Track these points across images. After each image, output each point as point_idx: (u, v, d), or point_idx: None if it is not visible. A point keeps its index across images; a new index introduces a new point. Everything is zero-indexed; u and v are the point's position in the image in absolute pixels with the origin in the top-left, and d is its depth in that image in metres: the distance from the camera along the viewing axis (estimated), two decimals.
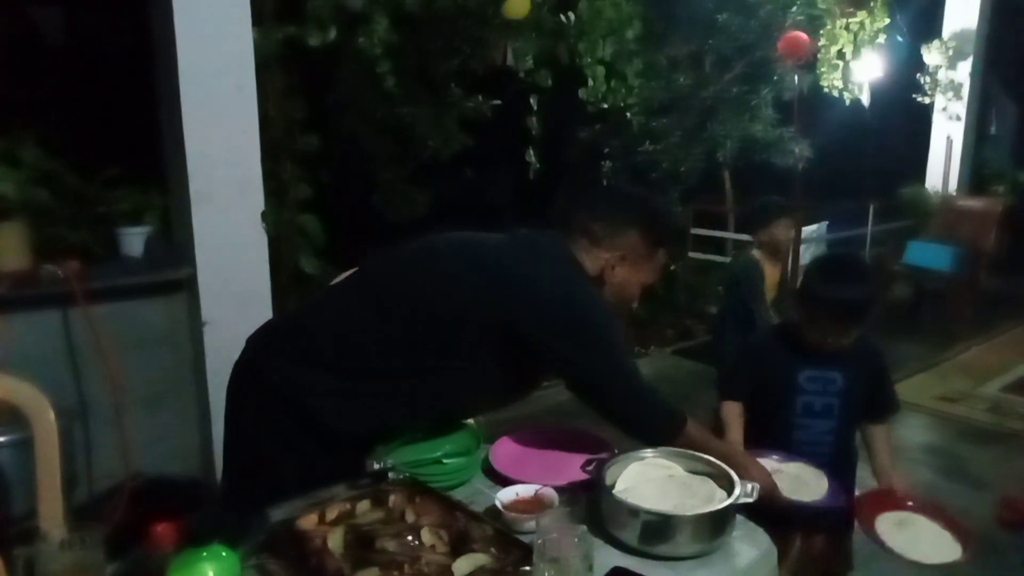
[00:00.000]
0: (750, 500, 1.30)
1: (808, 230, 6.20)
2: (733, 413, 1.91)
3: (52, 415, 1.62)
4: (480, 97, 4.64)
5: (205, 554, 0.96)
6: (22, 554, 1.12)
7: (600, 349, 1.48)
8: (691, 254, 6.57)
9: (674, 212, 2.45)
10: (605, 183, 5.47)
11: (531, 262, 1.53)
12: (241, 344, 1.65)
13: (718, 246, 6.75)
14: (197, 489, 2.59)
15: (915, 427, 4.19)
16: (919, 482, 3.55)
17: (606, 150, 6.77)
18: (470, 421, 1.99)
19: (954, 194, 6.58)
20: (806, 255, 6.20)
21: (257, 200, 2.75)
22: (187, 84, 2.54)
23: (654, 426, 1.51)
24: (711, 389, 4.45)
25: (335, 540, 1.21)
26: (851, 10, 5.31)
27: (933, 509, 1.75)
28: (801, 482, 1.70)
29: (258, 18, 2.76)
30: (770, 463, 1.69)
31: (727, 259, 6.34)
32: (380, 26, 3.17)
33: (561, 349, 1.47)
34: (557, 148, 5.80)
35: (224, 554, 0.99)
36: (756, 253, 3.71)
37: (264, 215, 2.76)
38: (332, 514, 1.29)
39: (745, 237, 6.53)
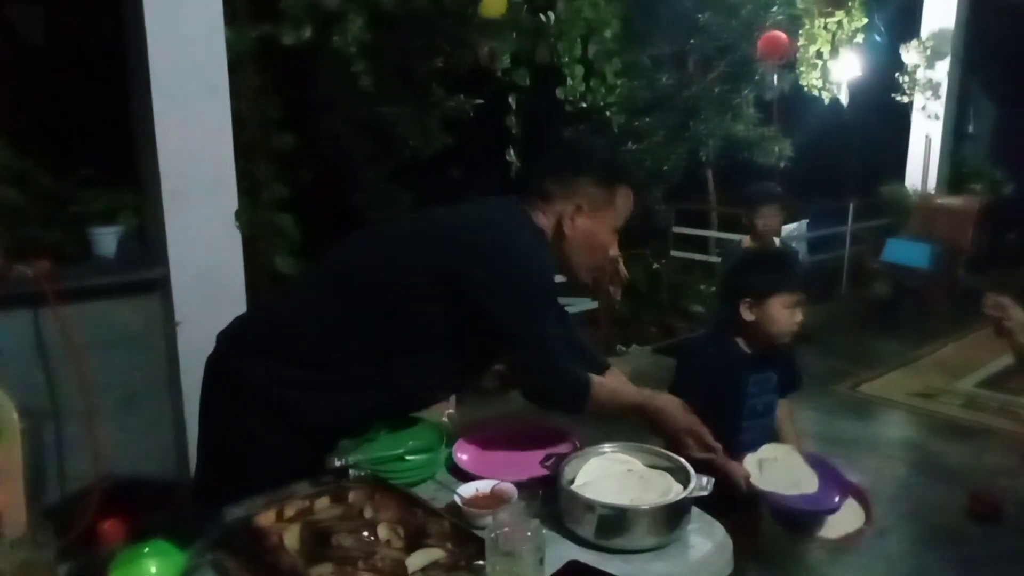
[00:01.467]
0: (705, 493, 1.31)
1: (788, 228, 6.23)
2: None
3: (15, 414, 1.61)
4: (462, 96, 4.64)
5: (147, 550, 0.97)
6: None
7: (520, 313, 1.49)
8: (674, 253, 6.60)
9: (621, 150, 2.34)
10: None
11: (478, 221, 1.57)
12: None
13: (701, 245, 6.79)
14: (170, 489, 2.58)
15: (891, 423, 4.24)
16: (893, 476, 3.60)
17: None
18: (443, 418, 2.01)
19: (932, 192, 6.64)
20: None
21: (231, 199, 2.75)
22: (158, 83, 2.53)
23: (559, 398, 1.57)
24: None
25: (291, 537, 1.22)
26: (829, 10, 5.35)
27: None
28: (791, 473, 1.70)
29: (231, 17, 2.76)
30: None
31: (710, 258, 6.38)
32: (355, 25, 3.17)
33: (485, 305, 1.47)
34: (538, 148, 5.82)
35: (168, 550, 1.00)
36: (745, 242, 3.75)
37: (238, 214, 2.76)
38: (291, 511, 1.29)
39: (728, 235, 6.60)
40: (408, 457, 1.51)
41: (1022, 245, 7.07)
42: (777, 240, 3.69)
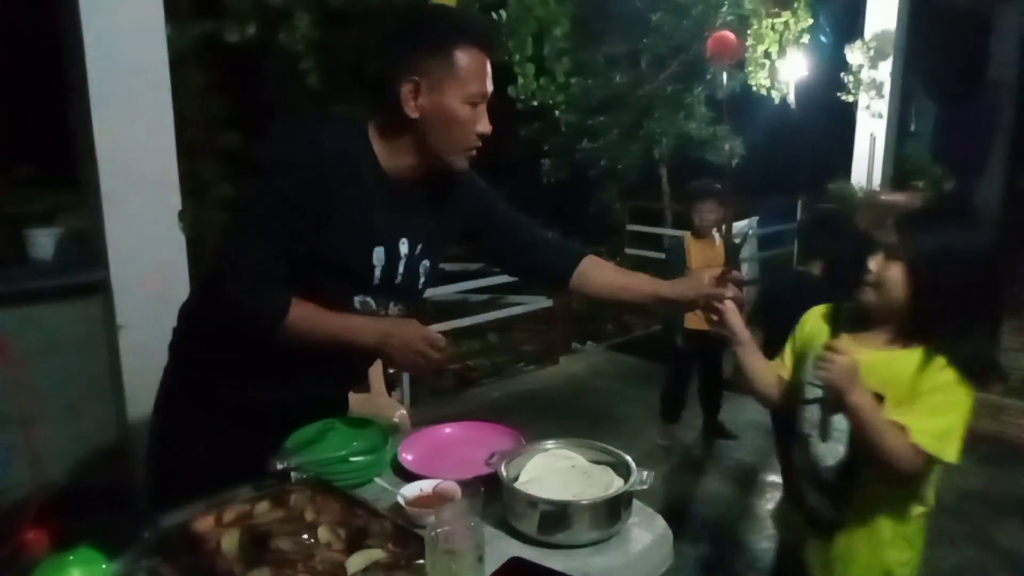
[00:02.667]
0: (645, 487, 1.33)
1: (739, 225, 6.37)
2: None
3: None
4: None
5: (72, 558, 0.94)
6: None
7: (238, 213, 1.45)
8: (628, 250, 6.68)
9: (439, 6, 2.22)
10: None
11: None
12: (160, 347, 1.65)
13: (655, 242, 6.88)
14: (111, 495, 2.52)
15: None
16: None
17: (545, 148, 6.84)
18: (395, 419, 2.00)
19: (877, 189, 6.82)
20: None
21: (174, 200, 2.69)
22: (96, 81, 2.46)
23: (253, 304, 1.39)
24: (646, 384, 4.54)
25: (229, 541, 1.20)
26: (776, 10, 5.47)
27: None
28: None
29: (173, 13, 2.70)
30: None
31: (664, 255, 6.47)
32: (302, 22, 3.14)
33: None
34: (492, 146, 5.83)
35: (93, 557, 0.97)
36: (686, 236, 3.84)
37: (181, 215, 2.70)
38: (230, 516, 1.27)
39: (682, 233, 6.70)
40: (352, 458, 1.50)
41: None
42: (717, 235, 3.80)
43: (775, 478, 3.55)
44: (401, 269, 1.51)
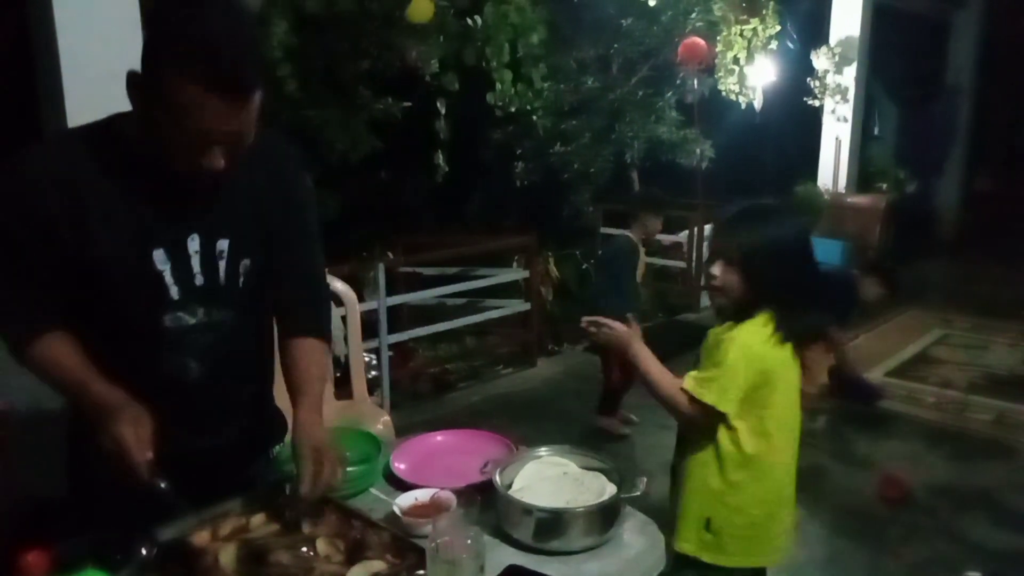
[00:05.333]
0: (637, 492, 1.36)
1: (711, 227, 6.46)
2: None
3: None
4: (390, 99, 4.62)
5: None
6: None
7: None
8: (602, 252, 6.72)
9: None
10: None
11: None
12: None
13: None
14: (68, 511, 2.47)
15: (806, 411, 4.44)
16: (809, 463, 3.76)
17: (519, 151, 6.87)
18: (378, 426, 2.00)
19: (843, 192, 6.99)
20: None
21: None
22: (71, 89, 2.42)
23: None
24: None
25: (227, 556, 1.20)
26: (744, 17, 5.57)
27: None
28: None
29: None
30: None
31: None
32: (279, 29, 3.12)
33: None
34: (467, 150, 5.85)
35: None
36: (632, 235, 3.96)
37: None
38: (226, 530, 1.27)
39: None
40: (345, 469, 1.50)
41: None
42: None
43: None
44: (198, 269, 1.31)
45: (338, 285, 2.87)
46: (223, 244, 1.33)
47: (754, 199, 1.86)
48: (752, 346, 1.61)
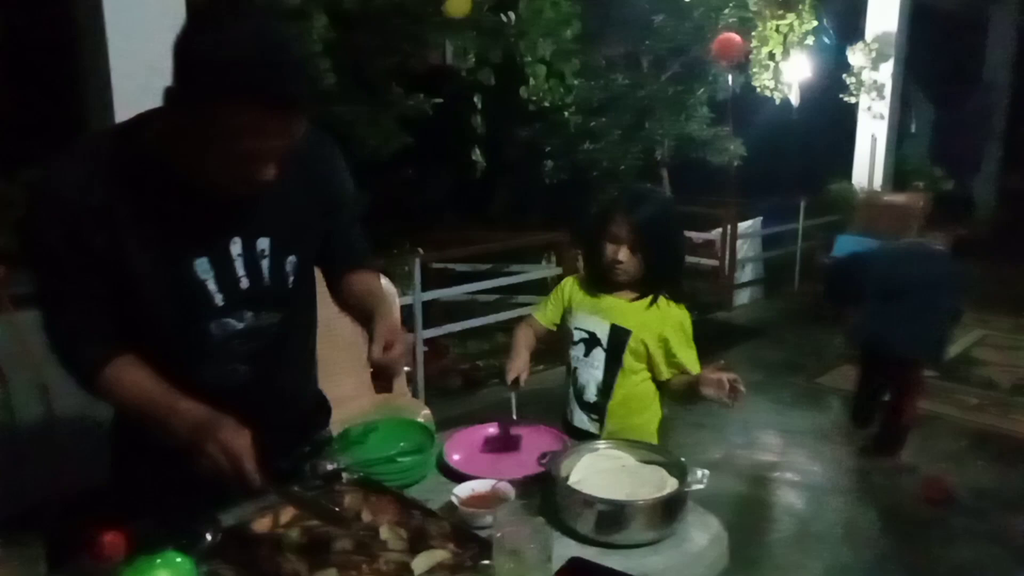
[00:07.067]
0: (701, 486, 1.33)
1: (744, 225, 6.40)
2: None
3: None
4: (421, 96, 4.61)
5: (159, 560, 0.94)
6: None
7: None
8: None
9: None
10: None
11: None
12: None
13: None
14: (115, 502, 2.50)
15: (844, 413, 4.38)
16: (850, 466, 3.71)
17: (547, 149, 6.84)
18: (419, 419, 2.00)
19: (878, 190, 6.87)
20: (742, 249, 6.39)
21: None
22: (119, 84, 2.45)
23: (65, 360, 1.26)
24: None
25: (290, 543, 1.20)
26: (780, 12, 5.49)
27: None
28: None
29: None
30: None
31: None
32: (319, 23, 3.12)
33: None
34: (496, 147, 5.83)
35: (179, 560, 0.97)
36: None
37: None
38: (286, 517, 1.27)
39: (684, 232, 6.70)
40: (399, 459, 1.49)
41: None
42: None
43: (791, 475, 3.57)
44: (242, 272, 1.29)
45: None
46: (264, 243, 1.30)
47: (787, 197, 1.92)
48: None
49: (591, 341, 1.86)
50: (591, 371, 1.87)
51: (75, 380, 1.26)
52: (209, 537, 1.15)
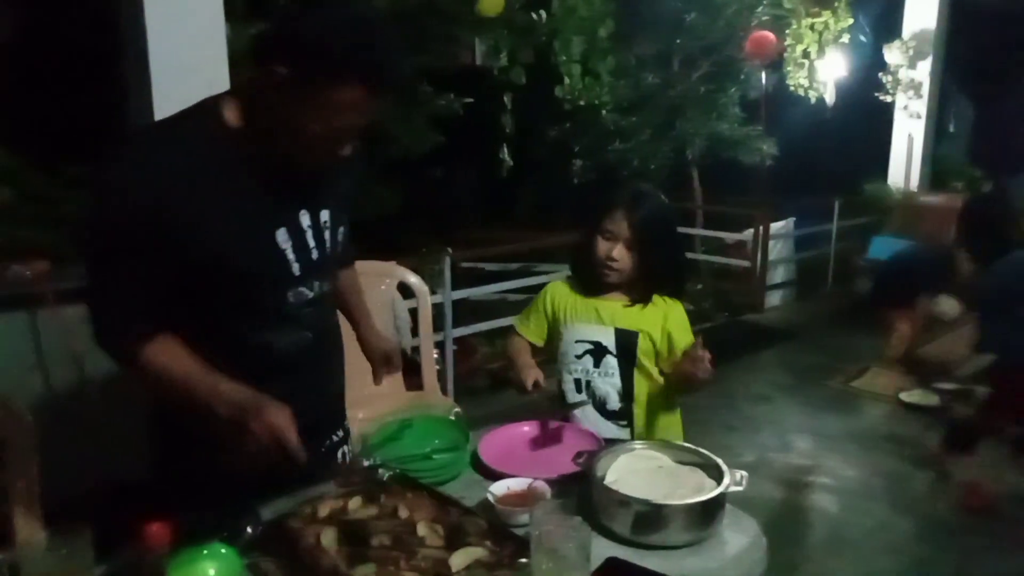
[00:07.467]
0: (740, 488, 1.32)
1: (777, 226, 6.32)
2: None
3: (29, 420, 1.58)
4: (452, 95, 4.62)
5: (206, 552, 0.95)
6: (5, 560, 1.09)
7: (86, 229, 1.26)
8: None
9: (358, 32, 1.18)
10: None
11: None
12: None
13: (687, 243, 6.84)
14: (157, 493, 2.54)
15: (878, 417, 4.31)
16: (885, 470, 3.64)
17: (576, 148, 6.82)
18: (450, 417, 2.00)
19: (915, 191, 6.74)
20: (774, 250, 6.31)
21: None
22: (159, 81, 2.49)
23: (108, 337, 1.28)
24: None
25: (328, 537, 1.20)
26: (816, 10, 5.42)
27: None
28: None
29: (230, 15, 2.72)
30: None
31: (697, 256, 6.43)
32: None
33: None
34: (527, 146, 5.83)
35: (224, 552, 0.98)
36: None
37: None
38: (324, 511, 1.28)
39: (714, 233, 6.65)
40: (435, 456, 1.50)
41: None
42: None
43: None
44: (312, 243, 1.35)
45: (411, 279, 2.88)
46: (325, 215, 1.38)
47: (821, 197, 1.88)
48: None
49: (598, 351, 1.81)
50: (608, 380, 1.82)
51: (115, 356, 1.29)
52: (250, 530, 1.16)
